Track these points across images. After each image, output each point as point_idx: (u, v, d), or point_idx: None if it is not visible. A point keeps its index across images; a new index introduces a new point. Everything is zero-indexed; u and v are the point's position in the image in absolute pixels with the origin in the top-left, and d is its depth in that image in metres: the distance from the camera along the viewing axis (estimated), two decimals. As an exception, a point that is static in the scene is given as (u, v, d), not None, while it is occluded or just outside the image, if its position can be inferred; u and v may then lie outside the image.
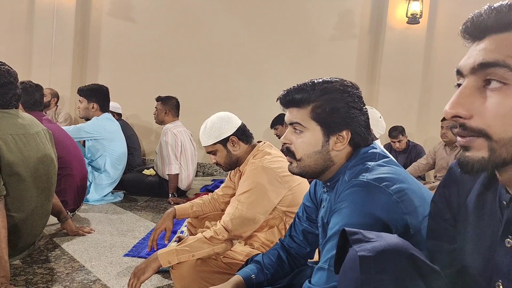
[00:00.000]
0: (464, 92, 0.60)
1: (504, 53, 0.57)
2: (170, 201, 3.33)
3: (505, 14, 0.58)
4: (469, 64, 0.61)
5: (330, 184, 1.08)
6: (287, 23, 4.78)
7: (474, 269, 0.71)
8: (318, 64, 4.66)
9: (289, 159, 1.09)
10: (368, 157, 1.04)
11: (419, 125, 4.69)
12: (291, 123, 1.07)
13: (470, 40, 0.63)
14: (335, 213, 0.96)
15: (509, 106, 0.56)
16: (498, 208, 0.67)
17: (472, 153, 0.60)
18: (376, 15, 4.68)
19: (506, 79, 0.56)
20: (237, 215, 1.54)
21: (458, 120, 0.61)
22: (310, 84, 1.05)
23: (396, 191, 0.92)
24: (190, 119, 4.01)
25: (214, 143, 1.76)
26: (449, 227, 0.79)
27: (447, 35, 4.56)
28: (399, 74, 4.57)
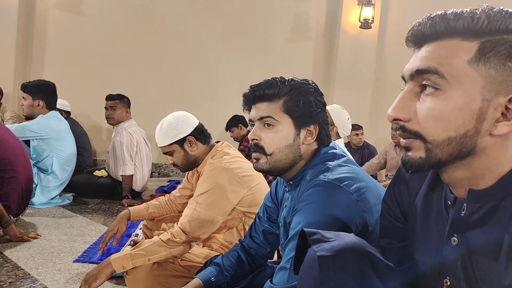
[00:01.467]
0: (404, 96, 0.64)
1: (437, 60, 0.60)
2: (124, 203, 3.21)
3: (437, 23, 0.61)
4: (409, 70, 0.65)
5: (293, 183, 1.09)
6: (244, 24, 4.78)
7: (424, 266, 0.74)
8: (275, 65, 4.71)
9: (257, 156, 1.06)
10: (328, 157, 1.07)
11: (371, 126, 4.88)
12: (261, 117, 1.05)
13: (412, 47, 0.67)
14: (297, 213, 0.97)
15: (440, 110, 0.60)
16: (444, 208, 0.71)
17: (412, 153, 0.64)
18: (330, 19, 4.81)
19: (437, 85, 0.60)
20: (195, 217, 1.51)
21: (399, 123, 0.64)
22: (279, 80, 1.06)
23: (355, 190, 0.95)
24: (143, 119, 3.89)
25: (170, 144, 1.71)
26: (399, 225, 0.82)
27: (396, 40, 4.78)
28: (352, 77, 4.73)
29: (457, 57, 0.59)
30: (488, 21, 0.58)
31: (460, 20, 0.60)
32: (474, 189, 0.64)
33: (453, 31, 0.60)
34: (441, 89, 0.60)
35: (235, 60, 4.80)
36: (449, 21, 0.60)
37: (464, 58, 0.59)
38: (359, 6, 4.55)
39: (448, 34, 0.61)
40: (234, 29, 4.78)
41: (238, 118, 4.39)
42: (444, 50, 0.61)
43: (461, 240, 0.66)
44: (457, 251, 0.67)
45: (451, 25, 0.60)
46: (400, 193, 0.82)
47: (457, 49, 0.60)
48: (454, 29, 0.60)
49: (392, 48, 4.78)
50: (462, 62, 0.59)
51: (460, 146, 0.61)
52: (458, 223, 0.66)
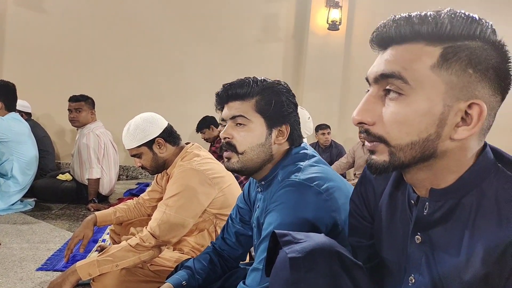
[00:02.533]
0: (369, 100, 0.64)
1: (401, 65, 0.60)
2: (90, 208, 3.10)
3: (402, 26, 0.61)
4: (373, 73, 0.64)
5: (264, 183, 1.09)
6: (214, 24, 4.75)
7: (390, 263, 0.76)
8: (245, 65, 4.70)
9: (229, 155, 1.06)
10: (299, 157, 1.07)
11: (339, 126, 4.97)
12: (233, 116, 1.05)
13: (377, 49, 0.67)
14: (269, 214, 0.98)
15: (403, 115, 0.60)
16: (408, 207, 0.72)
17: (376, 156, 0.65)
18: (299, 20, 4.86)
19: (401, 90, 0.60)
20: (165, 220, 1.48)
21: (363, 126, 0.64)
22: (252, 79, 1.07)
23: (325, 189, 0.96)
24: (109, 120, 3.78)
25: (138, 146, 1.66)
26: (366, 224, 0.84)
27: (363, 41, 4.89)
28: (321, 77, 4.80)
29: (420, 61, 0.60)
30: (451, 26, 0.59)
31: (425, 25, 0.60)
32: (435, 188, 0.65)
33: (417, 35, 0.60)
34: (405, 94, 0.60)
35: (205, 60, 4.76)
36: (414, 24, 0.60)
37: (427, 63, 0.59)
38: (327, 8, 4.62)
39: (412, 38, 0.61)
40: (205, 28, 4.73)
41: (209, 119, 4.35)
42: (408, 54, 0.61)
43: (424, 238, 0.68)
44: (421, 249, 0.68)
45: (415, 29, 0.60)
46: (366, 192, 0.83)
47: (420, 54, 0.60)
48: (419, 33, 0.60)
49: (359, 49, 4.89)
50: (425, 67, 0.59)
51: (422, 150, 0.61)
52: (421, 222, 0.68)
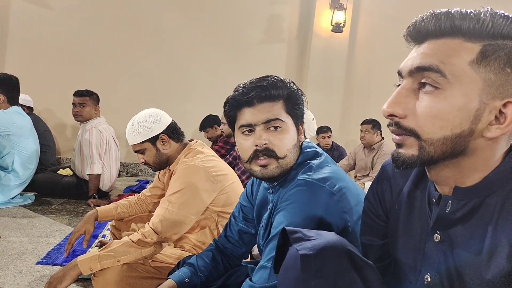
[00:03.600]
0: (401, 92, 0.63)
1: (439, 59, 0.60)
2: (90, 203, 3.09)
3: (442, 21, 0.61)
4: (408, 66, 0.64)
5: (278, 183, 1.06)
6: (218, 24, 4.74)
7: (405, 262, 0.75)
8: (249, 66, 4.70)
9: (267, 161, 0.99)
10: (310, 155, 1.06)
11: (341, 128, 4.97)
12: (268, 120, 0.99)
13: (412, 43, 0.66)
14: (279, 212, 0.96)
15: (439, 109, 0.60)
16: (427, 205, 0.72)
17: (404, 150, 0.64)
18: (303, 21, 4.86)
19: (438, 84, 0.60)
20: (167, 216, 1.47)
21: (394, 119, 0.64)
22: (278, 79, 1.03)
23: (337, 190, 0.95)
24: (112, 116, 3.78)
25: (142, 142, 1.66)
26: (381, 223, 0.83)
27: (366, 44, 4.90)
28: (324, 79, 4.80)
29: (459, 57, 0.59)
30: (492, 24, 0.59)
31: (466, 21, 0.60)
32: (460, 187, 0.65)
33: (457, 30, 0.60)
34: (441, 88, 0.60)
35: (208, 60, 4.75)
36: (455, 20, 0.60)
37: (466, 58, 0.59)
38: (331, 10, 4.62)
39: (452, 33, 0.61)
40: (208, 28, 4.73)
41: (213, 118, 4.34)
42: (447, 48, 0.60)
43: (443, 237, 0.68)
44: (439, 248, 0.68)
45: (456, 24, 0.60)
46: (383, 191, 0.83)
47: (459, 49, 0.60)
48: (459, 29, 0.60)
49: (363, 52, 4.89)
50: (463, 63, 0.59)
51: (453, 145, 0.61)
52: (442, 220, 0.67)
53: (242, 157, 1.03)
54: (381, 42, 4.71)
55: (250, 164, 1.01)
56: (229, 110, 1.05)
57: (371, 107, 4.83)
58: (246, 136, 1.02)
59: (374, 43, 4.84)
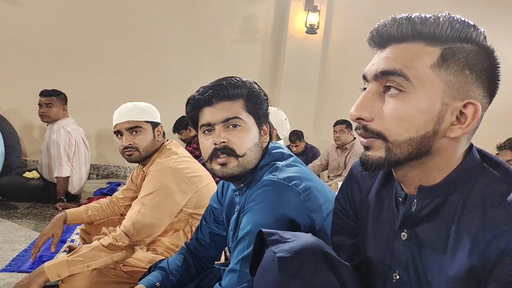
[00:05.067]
0: (367, 96, 0.65)
1: (402, 63, 0.62)
2: (58, 207, 2.99)
3: (404, 26, 0.63)
4: (372, 71, 0.65)
5: (244, 185, 1.06)
6: (193, 23, 4.69)
7: (375, 260, 0.76)
8: (223, 66, 4.67)
9: (226, 160, 1.00)
10: (276, 156, 1.07)
11: (315, 128, 5.02)
12: (227, 119, 1.00)
13: (375, 47, 0.68)
14: (246, 213, 0.96)
15: (404, 112, 0.62)
16: (395, 204, 0.74)
17: (372, 152, 0.65)
18: (278, 22, 4.88)
19: (402, 87, 0.62)
20: (139, 219, 1.44)
21: (361, 122, 0.65)
22: (238, 79, 1.04)
23: (303, 189, 0.96)
24: (81, 116, 3.66)
25: (147, 121, 1.64)
26: (351, 223, 0.85)
27: (340, 46, 4.97)
28: (298, 80, 4.83)
29: (421, 60, 0.61)
30: (451, 29, 0.61)
31: (426, 26, 0.62)
32: (424, 186, 0.67)
33: (418, 35, 0.62)
34: (405, 91, 0.62)
35: (183, 60, 4.69)
36: (416, 24, 0.62)
37: (427, 62, 0.61)
38: (305, 12, 4.66)
39: (413, 37, 0.63)
40: (183, 27, 4.67)
41: (186, 119, 4.28)
42: (409, 53, 0.62)
43: (410, 235, 0.69)
44: (406, 246, 0.70)
45: (417, 29, 0.62)
46: (352, 192, 0.84)
47: (421, 53, 0.62)
48: (420, 34, 0.62)
49: (336, 54, 4.96)
50: (425, 66, 0.61)
51: (418, 146, 0.63)
52: (409, 218, 0.69)
53: (204, 157, 1.05)
54: (354, 44, 4.79)
55: (210, 163, 1.03)
56: (190, 110, 1.07)
57: (344, 108, 4.90)
58: (206, 135, 1.03)
59: (347, 44, 4.91)
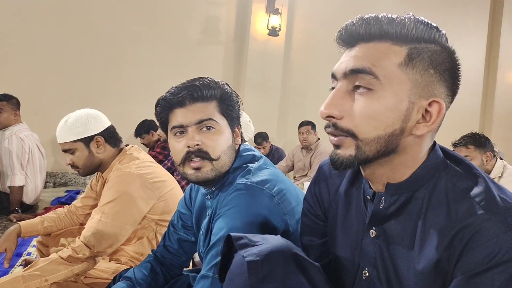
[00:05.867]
0: (337, 94, 0.65)
1: (371, 61, 0.63)
2: (12, 218, 2.81)
3: (372, 25, 0.64)
4: (342, 69, 0.66)
5: (215, 189, 1.04)
6: (153, 23, 4.59)
7: (345, 259, 0.77)
8: (186, 67, 4.60)
9: (200, 164, 0.97)
10: (248, 158, 1.06)
11: (279, 129, 5.06)
12: (201, 121, 0.97)
13: (343, 46, 0.69)
14: (219, 218, 0.94)
15: (373, 110, 0.63)
16: (363, 202, 0.75)
17: (342, 150, 0.66)
18: (240, 24, 4.88)
19: (371, 85, 0.63)
20: (100, 228, 1.37)
21: (331, 120, 0.66)
22: (211, 80, 1.02)
23: (277, 192, 0.95)
24: (36, 122, 3.48)
25: (74, 140, 1.53)
26: (320, 222, 0.85)
27: (301, 48, 5.05)
28: (261, 82, 4.86)
29: (389, 59, 0.63)
30: (416, 29, 0.63)
31: (393, 26, 0.63)
32: (391, 183, 0.68)
33: (386, 34, 0.64)
34: (374, 89, 0.63)
35: (144, 61, 4.57)
36: (383, 24, 0.64)
37: (395, 61, 0.63)
38: (267, 14, 4.69)
39: (381, 37, 0.64)
40: (144, 29, 4.55)
41: (148, 123, 4.18)
42: (377, 51, 0.64)
43: (379, 232, 0.71)
44: (375, 243, 0.71)
45: (384, 28, 0.64)
46: (320, 191, 0.85)
47: (388, 52, 0.63)
48: (387, 33, 0.64)
49: (298, 55, 5.02)
50: (393, 65, 0.63)
51: (387, 144, 0.64)
52: (377, 216, 0.70)
53: (175, 160, 1.00)
54: (316, 46, 4.88)
55: (183, 167, 0.99)
56: (160, 111, 1.02)
57: (308, 109, 4.98)
58: (178, 137, 0.99)
59: (309, 46, 5.00)
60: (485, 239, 0.58)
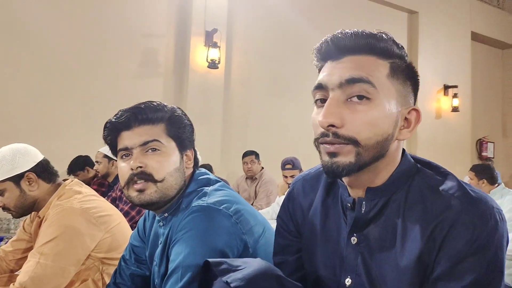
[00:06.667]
0: (333, 104, 0.67)
1: (366, 71, 0.67)
2: None
3: (361, 39, 0.69)
4: (336, 79, 0.68)
5: (168, 214, 1.01)
6: (89, 54, 4.41)
7: (326, 270, 0.78)
8: (123, 99, 4.39)
9: (143, 186, 0.96)
10: (203, 182, 1.05)
11: (222, 160, 5.03)
12: (146, 142, 0.97)
13: (326, 59, 0.72)
14: (176, 243, 0.91)
15: (373, 116, 0.66)
16: (342, 210, 0.77)
17: (341, 158, 0.67)
18: (179, 57, 4.88)
19: (369, 94, 0.67)
20: (39, 272, 1.24)
21: (331, 129, 0.66)
22: (159, 103, 1.03)
23: (234, 212, 0.95)
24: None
25: (2, 180, 1.39)
26: (293, 238, 0.86)
27: (241, 80, 5.16)
28: (203, 114, 4.84)
29: (379, 71, 0.68)
30: (395, 47, 0.70)
31: (378, 41, 0.69)
32: (371, 187, 0.71)
33: (372, 49, 0.68)
34: (372, 97, 0.66)
35: (78, 94, 4.34)
36: (371, 39, 0.69)
37: (383, 72, 0.68)
38: (206, 47, 4.76)
39: (367, 50, 0.68)
40: (79, 58, 4.34)
41: (83, 159, 3.92)
42: (368, 63, 0.68)
43: (360, 239, 0.73)
44: (357, 249, 0.73)
45: (371, 43, 0.68)
46: (294, 207, 0.86)
47: (376, 64, 0.68)
48: (374, 48, 0.68)
49: (238, 87, 5.12)
50: (383, 76, 0.68)
51: (381, 150, 0.68)
52: (359, 222, 0.72)
53: (121, 183, 1.00)
54: (254, 78, 5.02)
55: (127, 190, 0.98)
56: (107, 134, 1.02)
57: (249, 139, 5.04)
58: (124, 160, 0.99)
59: (248, 79, 5.13)
60: (463, 228, 0.62)
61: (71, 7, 4.35)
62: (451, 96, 6.46)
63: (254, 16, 5.21)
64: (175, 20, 4.87)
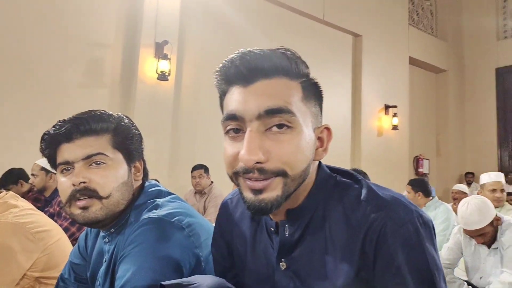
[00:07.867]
0: (255, 137, 0.62)
1: (283, 99, 0.64)
2: None
3: (273, 59, 0.65)
4: (253, 110, 0.63)
5: (114, 230, 0.95)
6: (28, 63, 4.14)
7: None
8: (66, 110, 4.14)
9: (87, 203, 0.89)
10: (154, 193, 1.01)
11: (170, 175, 4.91)
12: (89, 156, 0.89)
13: (235, 83, 0.66)
14: (124, 259, 0.85)
15: (297, 145, 0.63)
16: (267, 235, 0.75)
17: (267, 194, 0.63)
18: (127, 68, 4.75)
19: (290, 123, 0.63)
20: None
21: (256, 166, 0.62)
22: (104, 112, 0.95)
23: (187, 225, 0.91)
24: None
25: None
26: (226, 255, 0.85)
27: (191, 93, 5.12)
28: (150, 126, 4.72)
29: (294, 96, 0.65)
30: (301, 65, 0.67)
31: (290, 62, 0.65)
32: (291, 209, 0.69)
33: (283, 70, 0.65)
34: (293, 126, 0.63)
35: (14, 105, 4.05)
36: (281, 59, 0.65)
37: (298, 96, 0.65)
38: (156, 59, 4.68)
39: (279, 72, 0.64)
40: (16, 67, 4.06)
41: (18, 172, 3.63)
42: (282, 88, 0.64)
43: (288, 263, 0.70)
44: (287, 275, 0.70)
45: (283, 64, 0.65)
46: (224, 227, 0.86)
47: (290, 88, 0.65)
48: (286, 69, 0.65)
49: (188, 100, 5.07)
50: (298, 100, 0.65)
51: (304, 175, 0.66)
52: (285, 246, 0.70)
53: (62, 200, 0.91)
54: (205, 91, 5.00)
55: (69, 207, 0.90)
56: (45, 147, 0.93)
57: (198, 152, 4.98)
58: (64, 175, 0.91)
59: (198, 91, 5.10)
60: (390, 233, 0.62)
61: (8, 7, 4.08)
62: (391, 115, 6.87)
63: (206, 28, 5.23)
64: (124, 30, 4.75)
